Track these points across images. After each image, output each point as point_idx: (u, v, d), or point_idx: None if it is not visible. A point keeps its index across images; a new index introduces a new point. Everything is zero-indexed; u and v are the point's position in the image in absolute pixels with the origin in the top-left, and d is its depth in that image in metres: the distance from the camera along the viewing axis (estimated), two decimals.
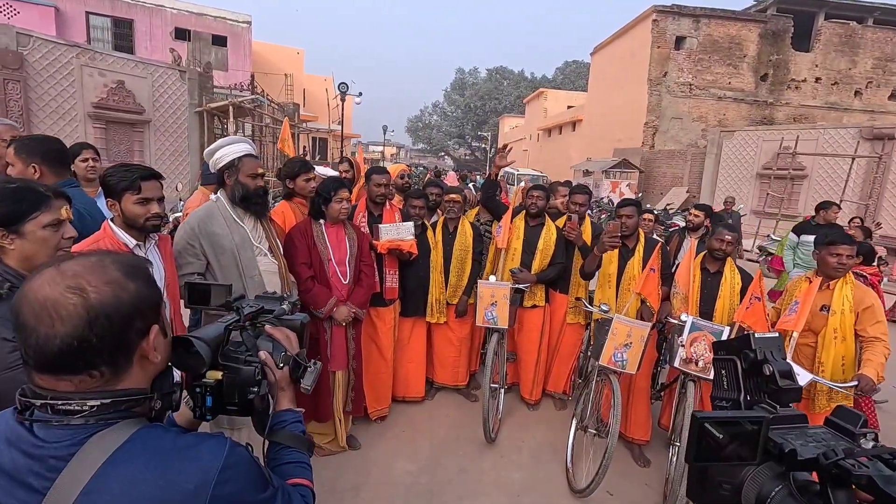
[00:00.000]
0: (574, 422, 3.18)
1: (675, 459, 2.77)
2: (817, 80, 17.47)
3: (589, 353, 3.62)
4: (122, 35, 16.32)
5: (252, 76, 16.10)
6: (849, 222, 5.60)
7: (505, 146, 4.15)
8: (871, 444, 0.50)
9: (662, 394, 3.59)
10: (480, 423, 3.31)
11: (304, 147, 22.84)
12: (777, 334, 0.74)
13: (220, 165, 2.38)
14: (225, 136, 12.55)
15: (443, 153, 53.25)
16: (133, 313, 0.72)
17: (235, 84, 14.76)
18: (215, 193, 2.44)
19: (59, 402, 0.69)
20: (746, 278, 3.09)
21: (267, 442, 0.97)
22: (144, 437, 0.71)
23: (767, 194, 12.11)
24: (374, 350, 3.39)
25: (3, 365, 1.19)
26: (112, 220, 1.81)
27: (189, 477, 0.70)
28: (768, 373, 0.61)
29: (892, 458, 0.50)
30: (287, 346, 0.98)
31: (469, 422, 3.57)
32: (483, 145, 46.34)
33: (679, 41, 17.18)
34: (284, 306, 1.05)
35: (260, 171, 2.37)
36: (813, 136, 12.36)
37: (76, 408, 0.69)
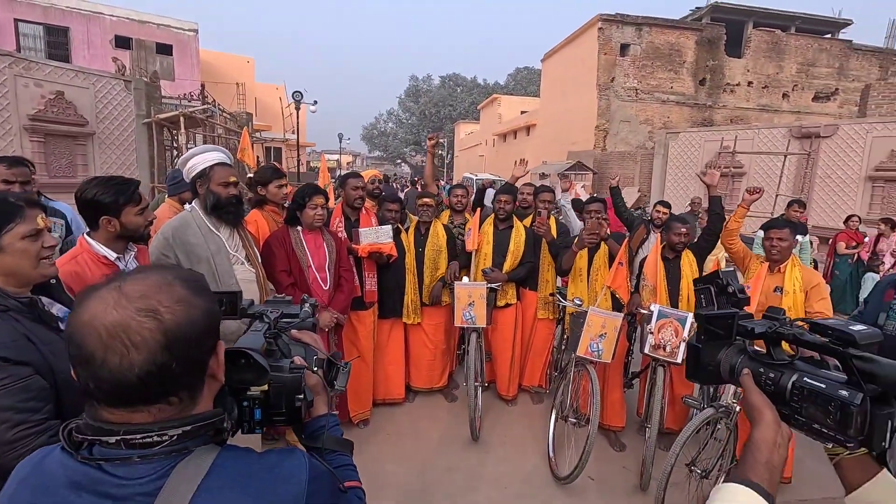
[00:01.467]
0: (554, 413, 3.30)
1: (649, 442, 2.93)
2: (750, 83, 18.73)
3: (564, 347, 3.76)
4: (57, 44, 15.40)
5: (202, 85, 15.59)
6: (787, 207, 6.11)
7: (522, 160, 4.32)
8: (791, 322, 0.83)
9: (634, 382, 3.78)
10: (462, 421, 3.37)
11: (258, 157, 22.25)
12: (733, 268, 1.37)
13: (193, 174, 2.35)
14: (176, 147, 12.08)
15: (399, 160, 53.16)
16: (205, 332, 0.68)
17: (185, 94, 14.24)
18: (190, 203, 2.41)
19: (137, 436, 0.63)
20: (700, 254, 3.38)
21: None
22: (230, 461, 0.68)
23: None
24: (354, 353, 3.38)
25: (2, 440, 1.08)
26: (89, 234, 1.76)
27: (284, 496, 0.69)
28: (731, 290, 0.92)
29: (808, 324, 0.79)
30: (318, 349, 0.96)
31: (451, 421, 3.62)
32: (440, 151, 46.61)
33: (624, 48, 18.00)
34: (307, 308, 1.04)
35: (232, 179, 2.34)
36: (749, 136, 13.25)
37: (156, 439, 0.64)
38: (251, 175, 3.95)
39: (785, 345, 0.81)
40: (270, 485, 0.69)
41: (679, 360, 2.88)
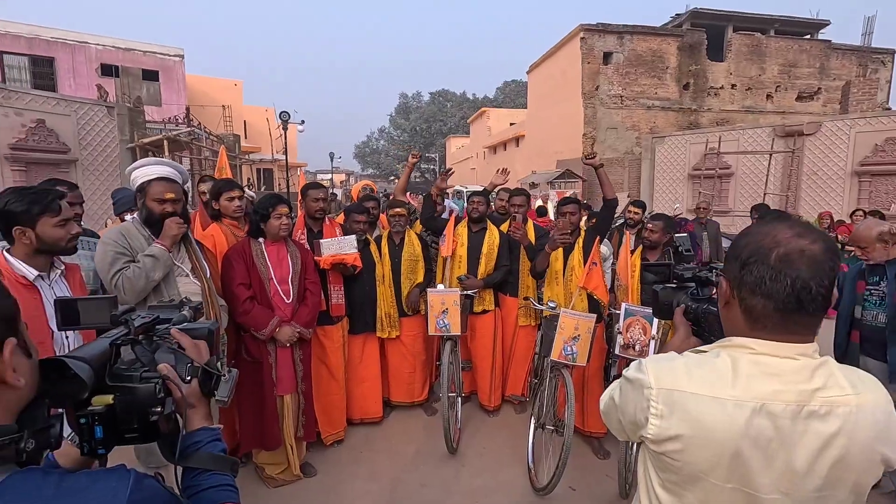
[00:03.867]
0: (532, 421, 3.18)
1: (626, 446, 2.81)
2: (733, 86, 18.89)
3: (541, 351, 3.66)
4: (42, 74, 15.48)
5: (187, 109, 15.63)
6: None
7: (448, 170, 4.29)
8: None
9: None
10: (439, 435, 3.25)
11: (249, 178, 22.27)
12: (686, 234, 2.06)
13: (135, 187, 2.29)
14: None
15: (392, 177, 53.38)
16: None
17: (170, 118, 14.27)
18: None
19: None
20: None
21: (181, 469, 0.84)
22: (15, 487, 0.57)
23: (700, 193, 12.86)
24: (323, 371, 3.27)
25: None
26: (8, 250, 1.67)
27: None
28: (681, 251, 2.33)
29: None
30: (194, 356, 0.86)
31: (429, 435, 3.49)
32: (432, 166, 46.86)
33: (607, 56, 18.17)
34: (185, 313, 0.95)
35: (168, 196, 2.23)
36: (734, 137, 13.31)
37: None
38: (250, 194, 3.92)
39: None
40: None
41: None
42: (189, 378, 0.84)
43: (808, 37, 20.32)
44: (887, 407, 0.82)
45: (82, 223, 2.86)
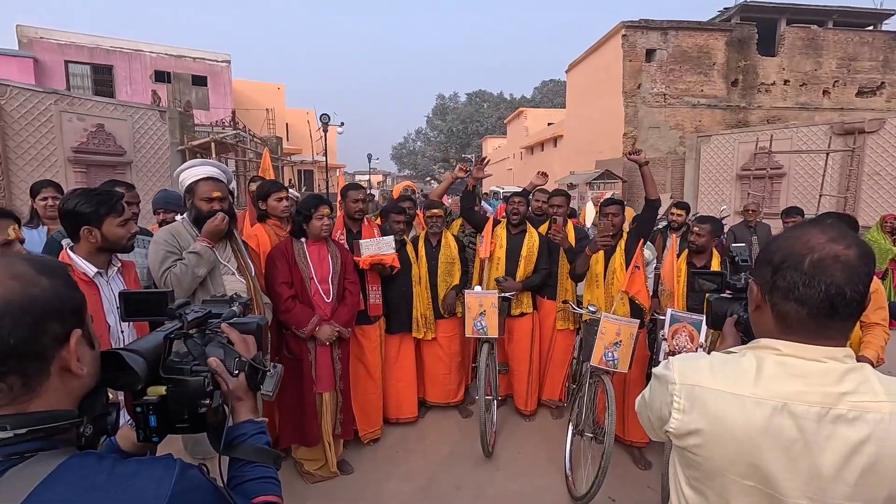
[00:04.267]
0: (570, 427, 3.11)
1: (667, 457, 2.71)
2: (786, 82, 17.96)
3: (580, 356, 3.58)
4: (102, 81, 16.45)
5: (233, 112, 16.24)
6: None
7: (484, 158, 4.20)
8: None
9: None
10: (476, 438, 3.22)
11: (290, 179, 22.91)
12: (744, 245, 1.61)
13: (183, 188, 2.38)
14: None
15: (429, 178, 53.72)
16: (46, 313, 0.63)
17: (217, 121, 14.86)
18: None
19: None
20: None
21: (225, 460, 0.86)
22: (72, 470, 0.60)
23: (749, 194, 12.28)
24: (361, 370, 3.31)
25: None
26: (72, 247, 1.76)
27: None
28: (737, 260, 1.50)
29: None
30: (242, 351, 0.89)
31: (464, 438, 3.47)
32: (466, 177, 46.80)
33: (649, 53, 17.65)
34: (234, 308, 0.97)
35: (215, 194, 2.31)
36: (787, 136, 12.63)
37: None
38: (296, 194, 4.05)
39: None
40: (115, 498, 0.60)
41: None
42: (237, 372, 0.87)
43: (871, 28, 19.08)
44: None
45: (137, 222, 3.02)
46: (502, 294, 3.48)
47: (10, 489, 0.56)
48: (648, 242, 3.74)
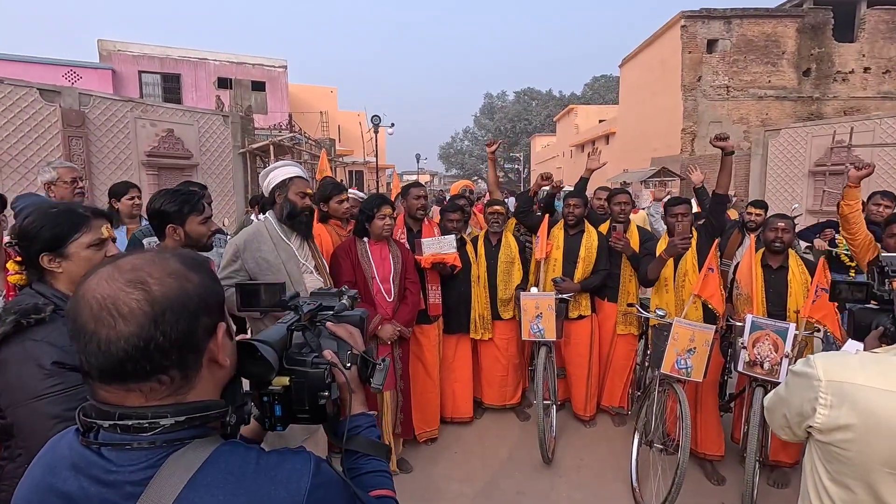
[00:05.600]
0: (637, 437, 2.98)
1: (748, 475, 2.52)
2: (866, 70, 16.57)
3: (647, 364, 3.42)
4: (171, 88, 17.51)
5: (290, 116, 16.84)
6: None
7: (548, 174, 3.93)
8: None
9: (732, 405, 3.33)
10: (533, 442, 3.15)
11: (342, 180, 23.50)
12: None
13: (273, 186, 2.45)
14: None
15: (476, 177, 53.63)
16: (200, 307, 0.66)
17: (275, 125, 15.47)
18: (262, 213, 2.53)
19: (130, 421, 0.62)
20: (814, 271, 2.85)
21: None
22: (225, 458, 0.64)
23: (824, 191, 11.40)
24: (420, 369, 3.31)
25: (30, 393, 1.10)
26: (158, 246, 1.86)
27: (277, 501, 0.64)
28: (886, 270, 1.28)
29: None
30: (352, 344, 0.90)
31: (522, 441, 3.41)
32: (516, 166, 46.39)
33: (711, 44, 16.78)
34: (344, 301, 0.98)
35: (309, 191, 2.44)
36: (868, 128, 11.61)
37: (148, 425, 0.62)
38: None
39: None
40: (264, 487, 0.64)
41: (780, 379, 2.46)
42: (350, 365, 0.88)
43: None
44: None
45: None
46: (559, 296, 3.37)
47: (175, 473, 0.60)
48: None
